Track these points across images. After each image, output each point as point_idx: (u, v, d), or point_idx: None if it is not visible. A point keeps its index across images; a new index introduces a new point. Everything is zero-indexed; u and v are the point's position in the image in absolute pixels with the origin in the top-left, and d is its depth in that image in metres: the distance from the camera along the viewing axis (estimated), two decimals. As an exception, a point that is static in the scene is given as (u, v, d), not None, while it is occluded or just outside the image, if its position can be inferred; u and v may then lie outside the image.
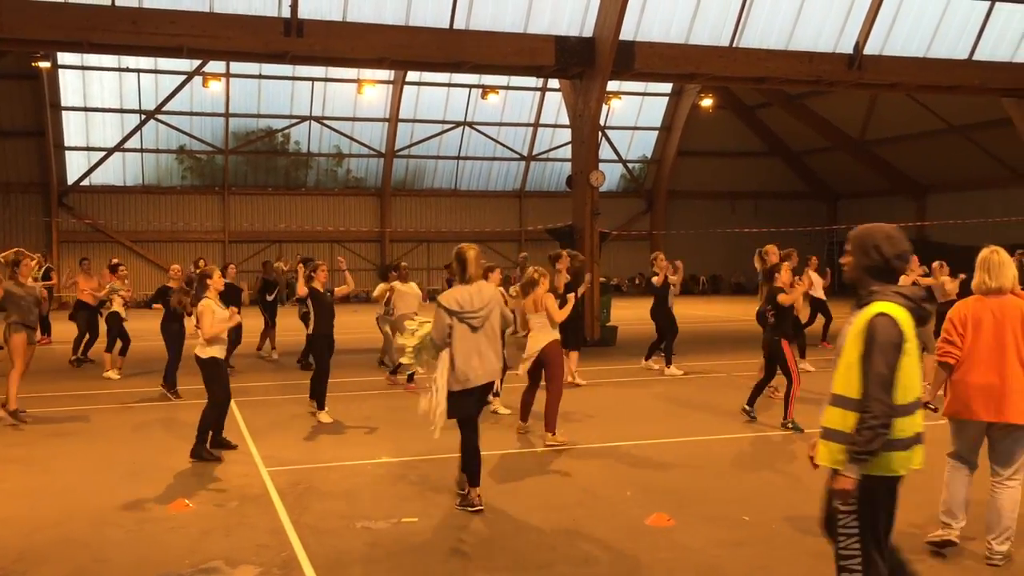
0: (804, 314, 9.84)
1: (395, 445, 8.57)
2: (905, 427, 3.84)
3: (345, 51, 16.83)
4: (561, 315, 9.07)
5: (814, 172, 36.69)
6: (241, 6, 16.56)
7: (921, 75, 19.92)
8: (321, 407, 10.11)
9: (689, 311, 21.52)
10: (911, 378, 3.85)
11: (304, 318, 12.26)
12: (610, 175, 34.59)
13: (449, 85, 30.95)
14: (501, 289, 8.97)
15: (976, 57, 20.24)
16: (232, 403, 8.88)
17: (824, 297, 16.26)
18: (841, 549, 3.94)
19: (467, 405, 6.61)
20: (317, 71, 29.17)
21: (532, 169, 34.36)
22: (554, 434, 8.73)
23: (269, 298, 15.55)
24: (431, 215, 33.52)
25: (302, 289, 10.39)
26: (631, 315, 20.51)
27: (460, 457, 6.74)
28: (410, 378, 12.17)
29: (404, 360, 7.32)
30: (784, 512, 6.51)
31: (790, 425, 9.39)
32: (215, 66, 27.81)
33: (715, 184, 35.81)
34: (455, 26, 17.45)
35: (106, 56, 26.75)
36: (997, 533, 5.46)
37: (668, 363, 13.68)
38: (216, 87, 28.45)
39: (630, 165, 35.11)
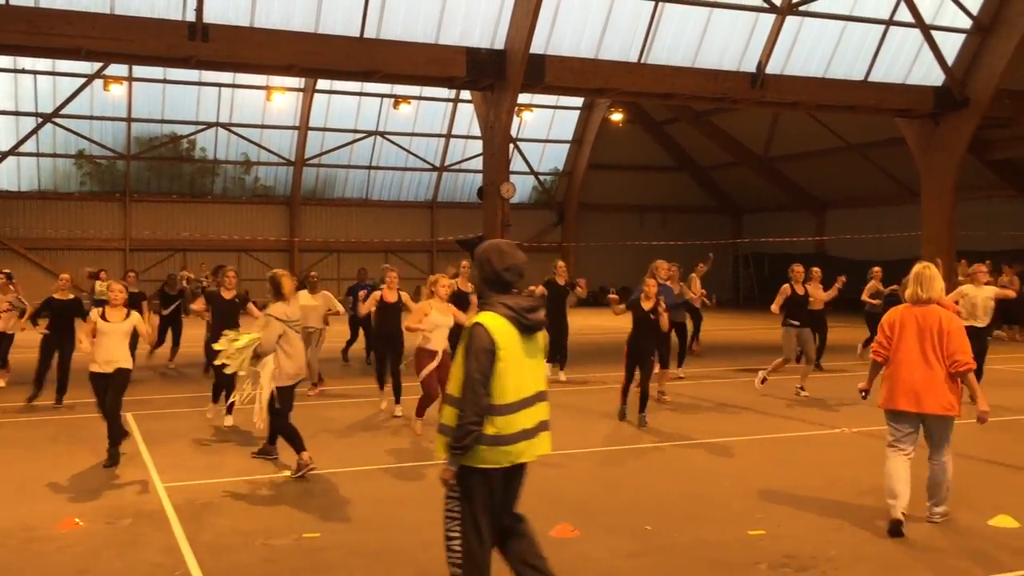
0: (664, 321, 10.45)
1: (294, 459, 8.40)
2: (504, 425, 4.16)
3: (252, 57, 16.55)
4: (465, 319, 9.54)
5: (720, 187, 37.59)
6: (144, 8, 16.13)
7: (820, 95, 20.63)
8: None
9: (590, 322, 21.77)
10: (512, 380, 4.17)
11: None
12: (522, 187, 34.84)
13: (361, 94, 30.69)
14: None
15: (871, 79, 21.07)
16: (129, 416, 8.63)
17: (698, 305, 16.66)
18: (446, 531, 4.38)
19: (291, 397, 8.06)
20: (224, 77, 28.58)
21: (444, 180, 34.33)
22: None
23: (165, 312, 15.17)
24: (341, 225, 33.14)
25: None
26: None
27: (285, 438, 7.93)
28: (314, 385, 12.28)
29: (221, 360, 8.19)
30: (684, 521, 6.61)
31: (619, 412, 10.49)
32: (117, 69, 27.00)
33: (625, 197, 36.36)
34: (366, 35, 17.34)
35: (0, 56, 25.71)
36: (936, 500, 6.48)
37: (560, 367, 13.99)
38: (118, 91, 27.63)
39: (542, 177, 35.38)
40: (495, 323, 4.17)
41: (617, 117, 32.06)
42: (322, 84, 29.49)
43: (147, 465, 8.39)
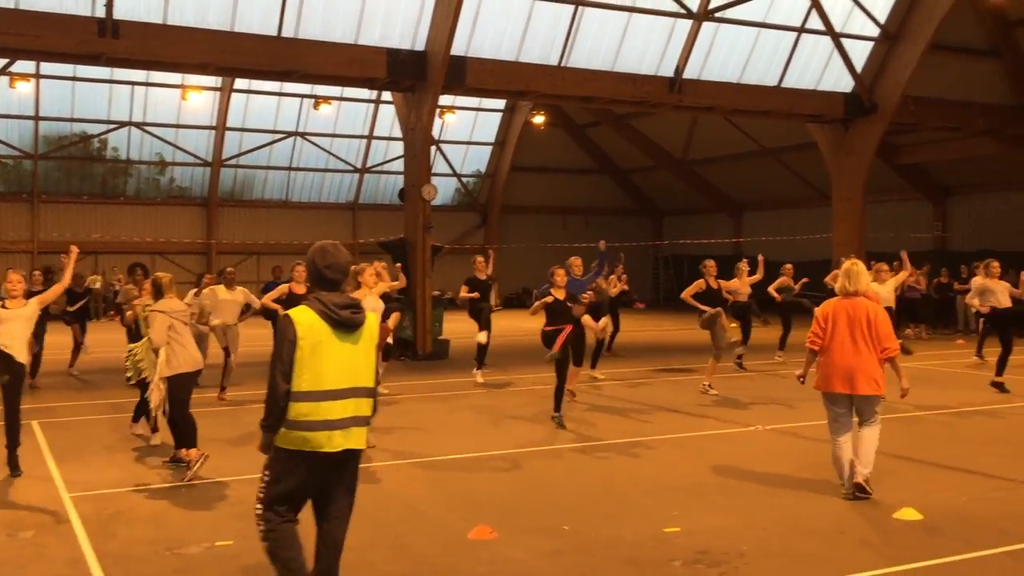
0: (579, 309, 10.68)
1: (211, 465, 8.22)
2: (305, 412, 4.40)
3: (165, 55, 16.13)
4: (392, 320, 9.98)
5: (641, 190, 38.10)
6: (51, 3, 15.57)
7: (735, 99, 21.06)
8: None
9: (512, 324, 21.82)
10: (311, 372, 4.40)
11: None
12: (445, 189, 34.76)
13: (280, 94, 30.22)
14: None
15: (784, 84, 21.58)
16: (35, 424, 8.32)
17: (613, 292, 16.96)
18: (255, 507, 4.64)
19: (185, 388, 8.22)
20: (137, 75, 27.83)
21: (366, 181, 34.04)
22: None
23: (71, 309, 14.68)
24: (261, 226, 32.56)
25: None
26: (465, 328, 20.58)
27: (178, 432, 8.15)
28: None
29: (129, 375, 8.71)
30: (601, 519, 6.67)
31: (554, 419, 10.39)
32: (24, 66, 26.03)
33: (547, 199, 36.58)
34: (284, 34, 17.07)
35: None
36: (863, 463, 7.18)
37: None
38: (25, 88, 26.69)
39: (464, 179, 35.36)
40: (302, 317, 4.44)
41: (539, 120, 32.24)
42: (240, 83, 28.95)
43: (52, 474, 8.11)
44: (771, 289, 16.68)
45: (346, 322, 4.48)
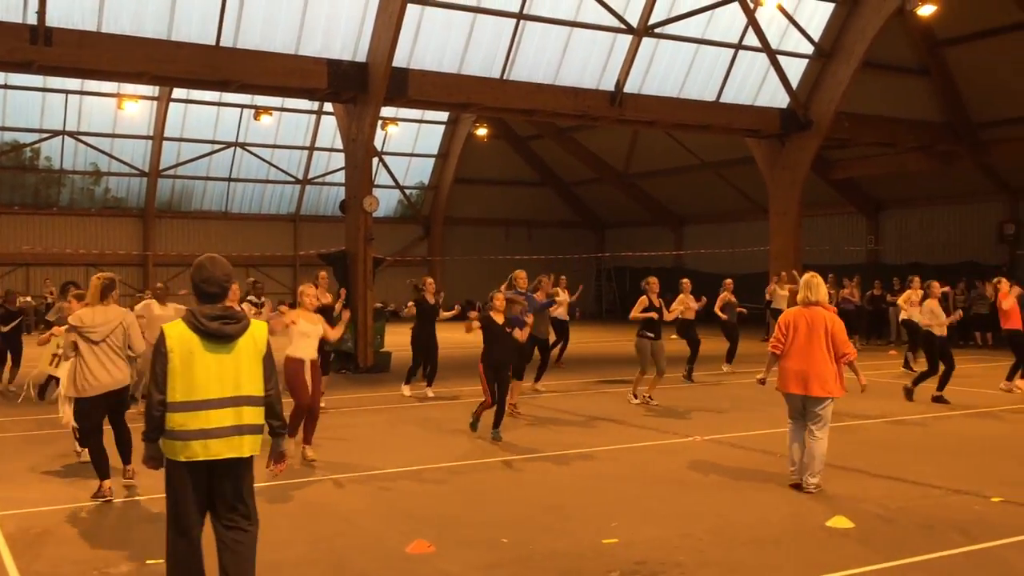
0: (521, 335, 10.55)
1: (141, 482, 8.04)
2: (183, 421, 4.53)
3: (100, 63, 15.81)
4: (335, 333, 9.68)
5: (583, 202, 38.37)
6: (-20, 9, 15.19)
7: (675, 114, 21.34)
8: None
9: (458, 336, 21.77)
10: (184, 382, 4.53)
11: None
12: (387, 201, 34.64)
13: (219, 104, 29.81)
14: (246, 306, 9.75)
15: (723, 100, 21.93)
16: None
17: (567, 318, 17.08)
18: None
19: (93, 414, 7.66)
20: (72, 83, 27.22)
21: (307, 193, 33.74)
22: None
23: (4, 329, 14.28)
24: (200, 238, 32.02)
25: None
26: (407, 340, 20.45)
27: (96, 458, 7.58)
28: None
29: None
30: (540, 532, 6.68)
31: (471, 423, 10.52)
32: (-49, 72, 25.34)
33: (491, 212, 36.63)
34: (222, 43, 16.84)
35: None
36: (812, 471, 7.69)
37: (429, 383, 13.93)
38: (-48, 95, 25.96)
39: (407, 191, 35.25)
40: (173, 330, 4.60)
41: (482, 132, 32.29)
42: (178, 93, 28.50)
43: (-23, 494, 7.86)
44: (717, 309, 16.91)
45: (214, 333, 4.57)
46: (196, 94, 28.39)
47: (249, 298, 14.24)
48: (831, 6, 21.52)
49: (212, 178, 32.02)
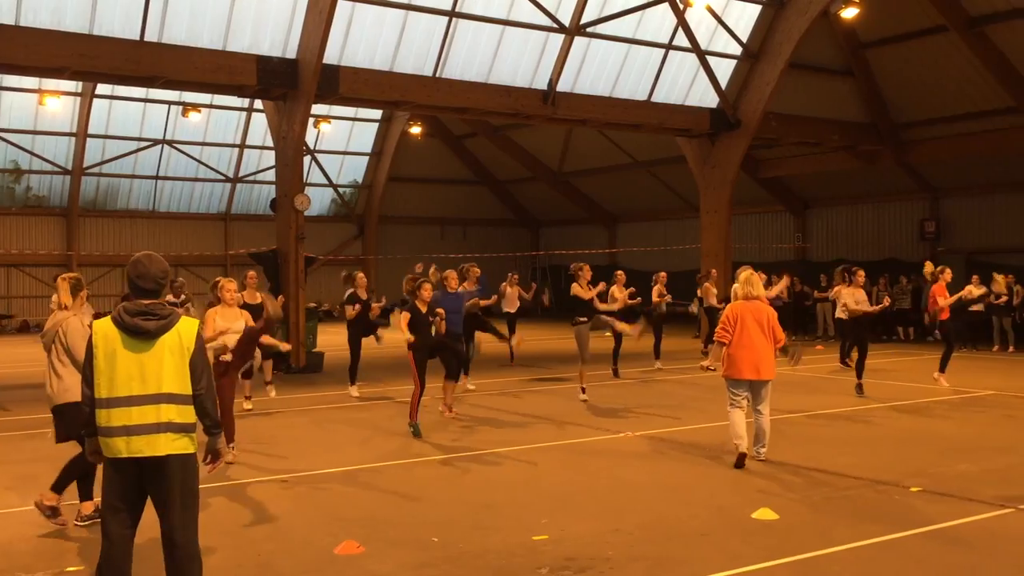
0: (440, 325, 11.01)
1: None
2: (107, 418, 4.56)
3: (18, 58, 15.32)
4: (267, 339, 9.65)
5: (518, 201, 38.46)
6: None
7: (607, 113, 21.51)
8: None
9: (394, 336, 21.65)
10: (106, 378, 4.56)
11: None
12: (321, 199, 34.26)
13: (146, 100, 29.13)
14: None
15: (654, 99, 22.17)
16: None
17: (513, 311, 17.55)
18: None
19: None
20: (-11, 78, 26.37)
21: (238, 191, 33.17)
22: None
23: None
24: (127, 238, 31.29)
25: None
26: (342, 340, 20.26)
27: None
28: None
29: None
30: (471, 530, 6.67)
31: (410, 427, 10.47)
32: None
33: (425, 210, 36.50)
34: (147, 38, 16.47)
35: None
36: (762, 443, 8.81)
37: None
38: None
39: (341, 190, 34.91)
40: (100, 326, 4.64)
41: (416, 130, 32.12)
42: (102, 88, 27.76)
43: None
44: (655, 298, 17.09)
45: (133, 329, 4.57)
46: (121, 90, 27.67)
47: (168, 298, 13.97)
48: (758, 8, 21.92)
49: (139, 176, 31.27)
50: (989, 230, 24.60)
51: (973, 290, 19.46)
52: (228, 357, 8.92)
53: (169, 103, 29.18)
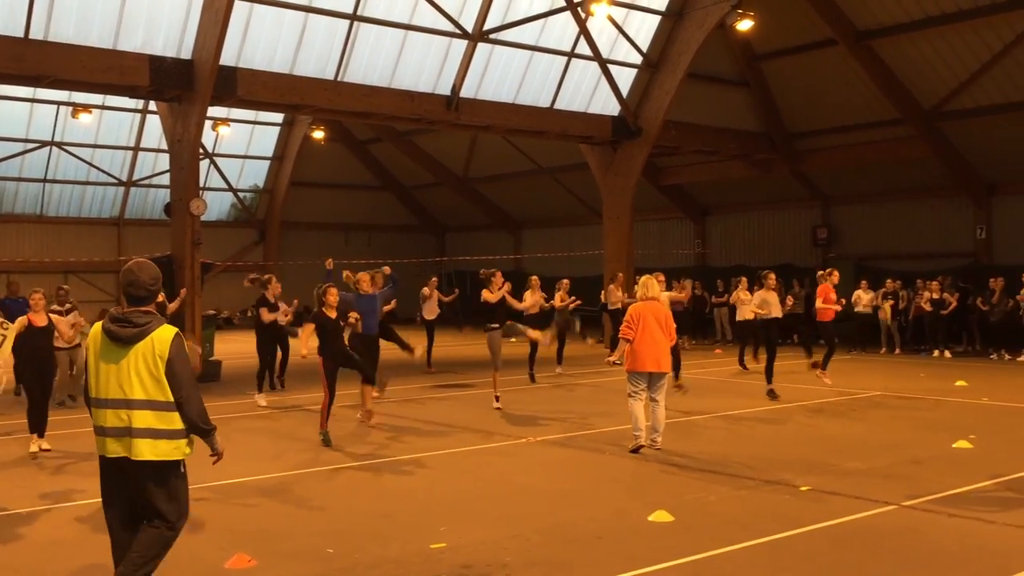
0: (357, 326, 11.15)
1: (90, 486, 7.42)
2: (93, 417, 4.83)
3: None
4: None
5: (423, 206, 38.28)
6: None
7: (511, 119, 21.59)
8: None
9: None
10: (93, 380, 4.82)
11: None
12: (220, 204, 33.40)
13: (33, 100, 27.87)
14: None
15: (557, 106, 22.36)
16: None
17: (432, 317, 18.09)
18: None
19: None
20: None
21: (132, 195, 32.04)
22: None
23: None
24: (12, 243, 29.85)
25: None
26: (240, 348, 19.82)
27: None
28: None
29: None
30: (368, 540, 6.57)
31: (321, 435, 10.34)
32: None
33: (329, 215, 35.96)
34: (32, 35, 15.78)
35: None
36: (658, 432, 9.56)
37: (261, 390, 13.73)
38: None
39: (241, 194, 34.13)
40: (93, 331, 4.89)
41: (319, 134, 31.62)
42: (-15, 87, 26.51)
43: None
44: (556, 303, 17.22)
45: (111, 334, 4.76)
46: (6, 89, 26.43)
47: (53, 307, 13.40)
48: (657, 18, 22.33)
49: (25, 179, 29.88)
50: (877, 237, 25.59)
51: (862, 295, 20.24)
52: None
53: (58, 103, 28.01)
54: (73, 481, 8.65)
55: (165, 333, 4.76)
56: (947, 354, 20.23)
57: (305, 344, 10.53)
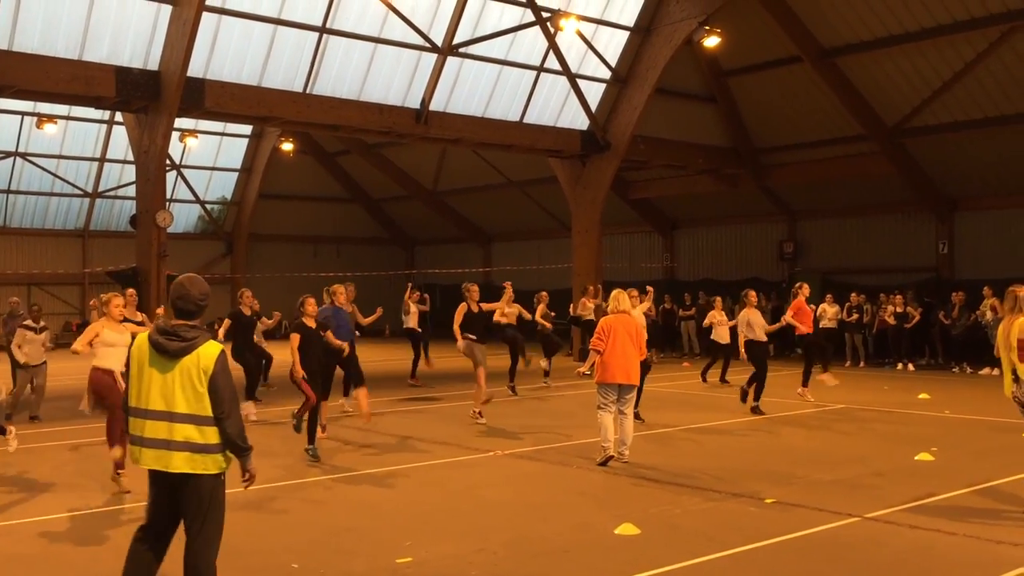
0: (332, 340, 11.11)
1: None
2: (131, 426, 4.87)
3: None
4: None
5: (392, 219, 38.22)
6: None
7: (480, 133, 21.67)
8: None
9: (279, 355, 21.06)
10: (135, 390, 4.85)
11: None
12: (187, 216, 33.14)
13: (-4, 110, 27.59)
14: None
15: (526, 120, 22.48)
16: None
17: (418, 329, 18.29)
18: None
19: None
20: None
21: (97, 207, 31.71)
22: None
23: None
24: (-26, 254, 29.48)
25: None
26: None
27: None
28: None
29: None
30: (334, 555, 6.54)
31: (308, 451, 10.21)
32: None
33: (298, 228, 35.80)
34: (-5, 45, 15.64)
35: None
36: (626, 445, 9.65)
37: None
38: None
39: (209, 206, 33.88)
40: (139, 340, 4.93)
41: (288, 147, 31.50)
42: (-53, 97, 26.13)
43: None
44: (539, 318, 17.24)
45: (158, 346, 4.79)
46: (-32, 98, 26.14)
47: (27, 323, 13.23)
48: (626, 34, 22.53)
49: (-12, 190, 29.56)
50: (842, 251, 25.92)
51: (827, 308, 20.46)
52: None
53: (23, 114, 27.71)
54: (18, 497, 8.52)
55: (211, 349, 4.78)
56: (910, 367, 20.52)
57: (295, 355, 10.33)
